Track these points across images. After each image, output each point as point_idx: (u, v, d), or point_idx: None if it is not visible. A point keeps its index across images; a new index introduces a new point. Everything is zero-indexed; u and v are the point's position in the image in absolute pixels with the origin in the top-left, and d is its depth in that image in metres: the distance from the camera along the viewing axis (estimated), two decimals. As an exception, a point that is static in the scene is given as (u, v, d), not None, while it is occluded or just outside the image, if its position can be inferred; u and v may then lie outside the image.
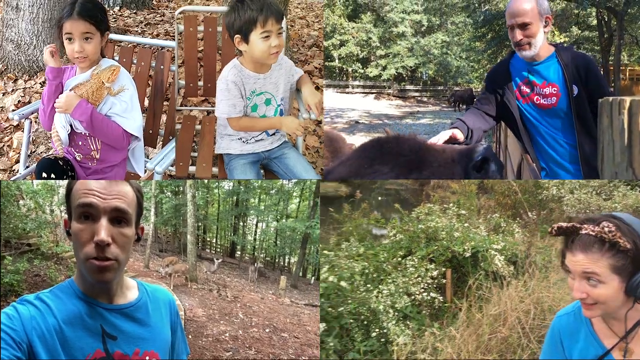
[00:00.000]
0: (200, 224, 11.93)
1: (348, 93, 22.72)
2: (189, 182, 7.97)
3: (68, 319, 1.05)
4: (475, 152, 1.71)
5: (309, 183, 10.79)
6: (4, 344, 0.97)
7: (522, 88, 2.52)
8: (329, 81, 22.41)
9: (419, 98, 23.86)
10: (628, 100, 1.39)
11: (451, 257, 3.43)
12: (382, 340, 2.74)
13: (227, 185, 12.13)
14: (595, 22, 15.75)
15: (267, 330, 5.59)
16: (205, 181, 9.78)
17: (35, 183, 5.98)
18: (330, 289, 2.86)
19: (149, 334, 1.13)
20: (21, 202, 5.84)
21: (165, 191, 11.25)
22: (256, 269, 9.27)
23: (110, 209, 1.05)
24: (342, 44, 22.95)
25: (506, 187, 5.01)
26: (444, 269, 3.32)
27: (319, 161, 4.00)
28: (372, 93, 23.28)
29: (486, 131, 2.58)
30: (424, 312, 3.09)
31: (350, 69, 23.91)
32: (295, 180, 10.90)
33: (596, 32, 15.86)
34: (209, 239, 14.05)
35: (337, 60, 23.55)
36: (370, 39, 23.16)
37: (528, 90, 2.50)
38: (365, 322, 2.82)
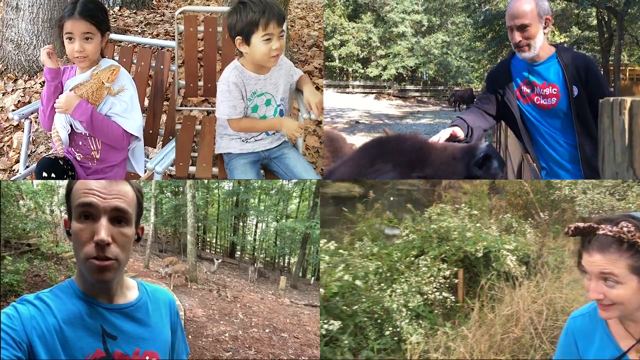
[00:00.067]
0: (200, 224, 11.92)
1: (348, 93, 22.75)
2: (189, 182, 7.97)
3: (68, 318, 1.05)
4: (477, 149, 1.71)
5: (309, 183, 10.79)
6: (4, 343, 0.97)
7: (523, 88, 2.52)
8: (329, 81, 22.43)
9: (419, 98, 23.89)
10: (629, 100, 1.39)
11: (463, 257, 3.43)
12: (396, 338, 2.76)
13: (227, 185, 12.12)
14: (595, 22, 15.76)
15: (267, 330, 5.59)
16: (205, 181, 9.78)
17: (35, 183, 5.98)
18: (345, 287, 2.87)
19: (149, 334, 1.13)
20: (21, 202, 5.84)
21: (165, 191, 11.25)
22: (256, 269, 9.28)
23: (110, 208, 1.05)
24: (343, 44, 22.98)
25: (518, 188, 4.96)
26: (456, 269, 3.33)
27: (319, 161, 4.00)
28: (373, 93, 23.30)
29: (486, 130, 2.58)
30: (436, 312, 3.10)
31: (350, 69, 23.94)
32: (295, 181, 10.90)
33: (596, 32, 15.87)
34: (208, 239, 14.05)
35: (338, 60, 23.58)
36: (370, 39, 23.18)
37: (528, 91, 2.50)
38: (379, 321, 2.84)
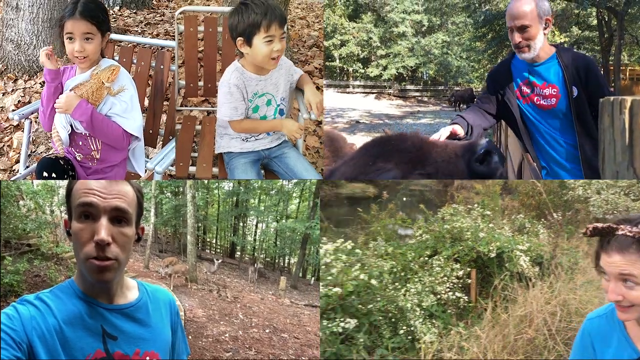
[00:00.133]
0: (200, 225, 11.93)
1: (349, 93, 22.77)
2: (189, 183, 7.97)
3: (68, 319, 1.04)
4: (478, 146, 1.72)
5: (309, 183, 10.79)
6: (4, 344, 0.97)
7: (523, 88, 2.52)
8: (329, 81, 22.45)
9: (420, 98, 23.90)
10: (629, 100, 1.39)
11: (476, 258, 3.44)
12: (410, 337, 2.77)
13: (227, 185, 12.12)
14: (595, 22, 15.77)
15: (267, 330, 5.59)
16: (205, 181, 9.78)
17: (35, 183, 5.98)
18: (360, 286, 2.89)
19: (150, 334, 1.13)
20: (21, 203, 5.84)
21: (165, 191, 11.25)
22: (256, 270, 9.28)
23: (110, 208, 1.04)
24: (343, 44, 22.99)
25: (530, 188, 4.93)
26: (469, 269, 3.34)
27: (319, 161, 4.00)
28: (373, 93, 23.32)
29: (486, 129, 2.58)
30: (449, 312, 3.11)
31: (351, 69, 23.95)
32: (295, 181, 10.89)
33: (596, 32, 15.88)
34: (208, 240, 14.05)
35: (338, 60, 23.59)
36: (370, 38, 23.19)
37: (528, 91, 2.50)
38: (394, 320, 2.85)
